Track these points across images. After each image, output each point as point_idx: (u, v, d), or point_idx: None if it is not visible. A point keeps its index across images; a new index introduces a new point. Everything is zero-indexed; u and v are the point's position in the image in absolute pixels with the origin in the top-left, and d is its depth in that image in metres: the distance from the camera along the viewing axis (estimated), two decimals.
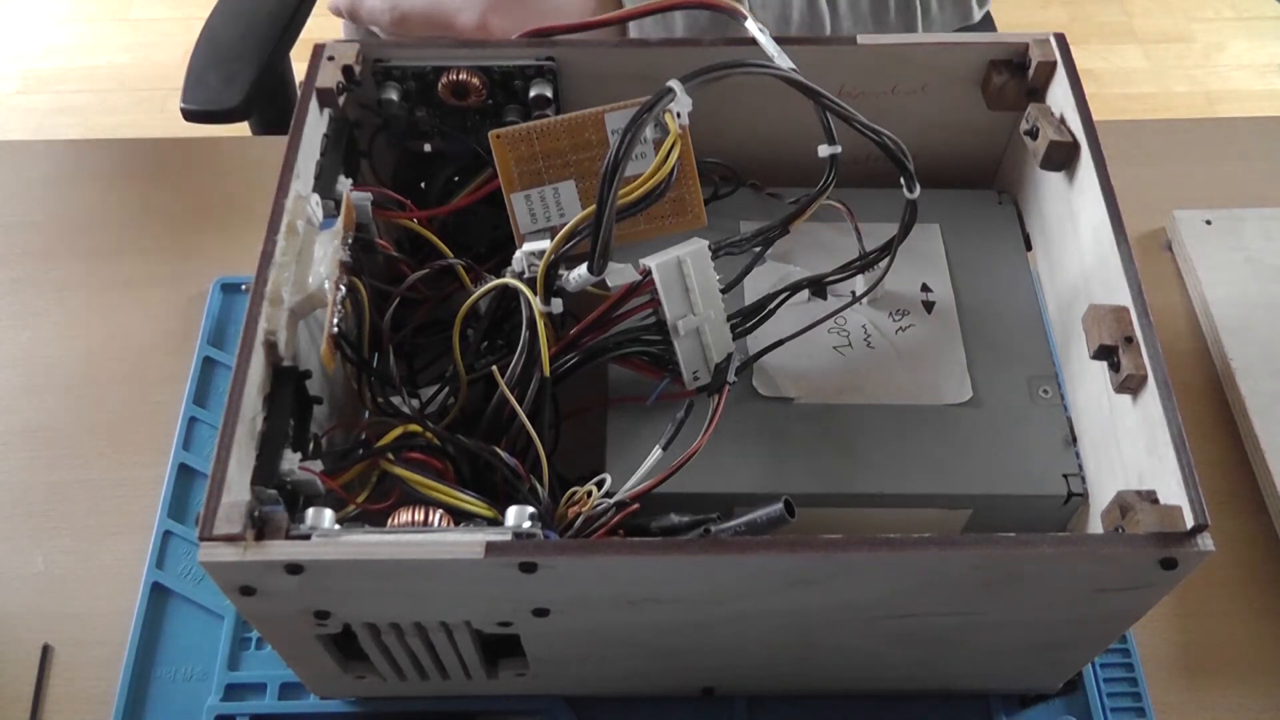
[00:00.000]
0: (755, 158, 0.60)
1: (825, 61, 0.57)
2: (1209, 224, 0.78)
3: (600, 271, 0.49)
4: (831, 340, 0.56)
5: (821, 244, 0.59)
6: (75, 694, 0.60)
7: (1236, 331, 0.72)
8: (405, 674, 0.53)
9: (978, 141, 0.62)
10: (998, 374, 0.55)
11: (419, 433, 0.50)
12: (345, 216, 0.52)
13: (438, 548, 0.42)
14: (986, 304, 0.58)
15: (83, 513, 0.65)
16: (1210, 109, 1.97)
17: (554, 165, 0.54)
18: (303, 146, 0.52)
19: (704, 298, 0.50)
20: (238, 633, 0.60)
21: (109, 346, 0.72)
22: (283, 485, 0.45)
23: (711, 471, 0.51)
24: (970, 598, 0.46)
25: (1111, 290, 0.50)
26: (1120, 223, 0.50)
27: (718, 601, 0.46)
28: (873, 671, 0.55)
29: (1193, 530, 0.42)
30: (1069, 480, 0.52)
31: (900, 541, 0.42)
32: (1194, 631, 0.62)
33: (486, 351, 0.55)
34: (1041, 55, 0.56)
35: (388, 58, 0.56)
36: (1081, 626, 0.49)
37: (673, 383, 0.53)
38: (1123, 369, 0.47)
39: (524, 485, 0.49)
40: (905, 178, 0.52)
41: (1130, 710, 0.59)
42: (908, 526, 0.52)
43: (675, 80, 0.49)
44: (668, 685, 0.57)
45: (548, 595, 0.45)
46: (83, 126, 1.77)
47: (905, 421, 0.53)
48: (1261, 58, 2.04)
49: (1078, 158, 0.54)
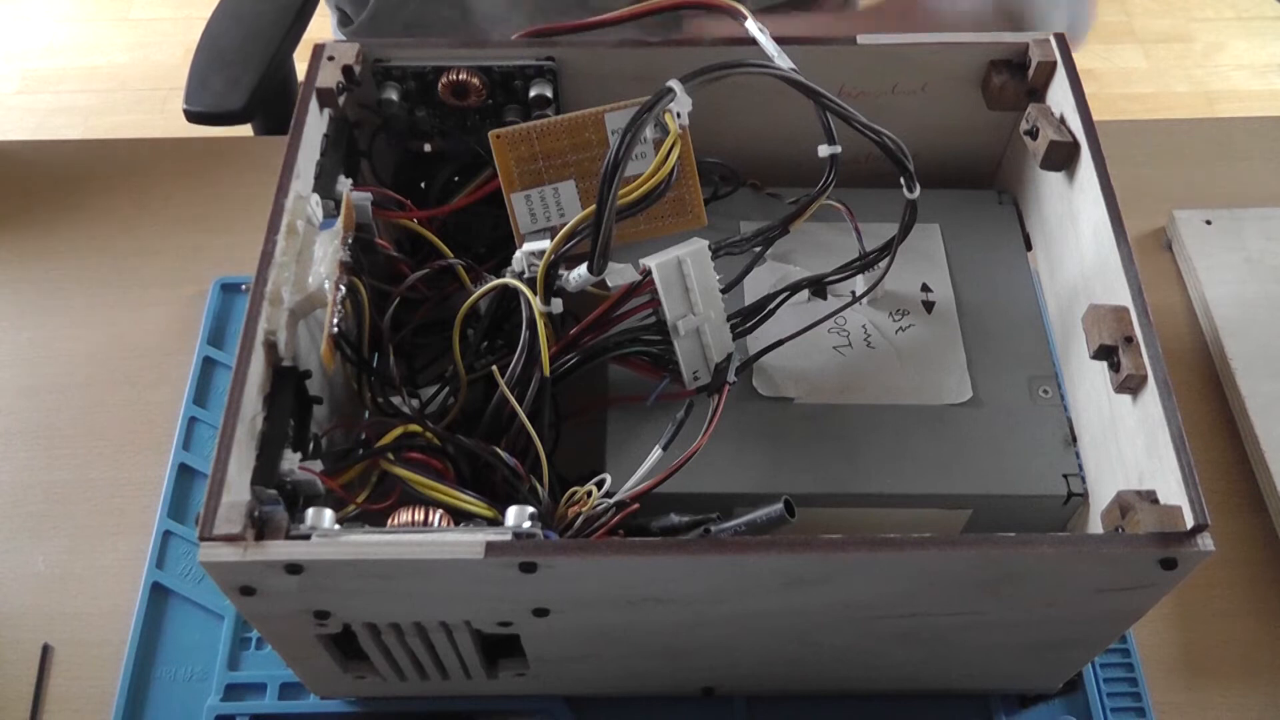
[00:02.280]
0: (755, 158, 0.60)
1: (825, 61, 0.57)
2: (1209, 224, 0.78)
3: (600, 271, 0.49)
4: (831, 340, 0.56)
5: (821, 244, 0.59)
6: (75, 694, 0.60)
7: (1236, 331, 0.72)
8: (405, 674, 0.53)
9: (978, 141, 0.62)
10: (998, 374, 0.55)
11: (419, 433, 0.50)
12: (345, 216, 0.52)
13: (438, 548, 0.42)
14: (986, 304, 0.58)
15: (83, 513, 0.65)
16: (1210, 109, 1.97)
17: (554, 165, 0.54)
18: (303, 146, 0.52)
19: (704, 298, 0.50)
20: (238, 633, 0.60)
21: (109, 346, 0.72)
22: (283, 485, 0.45)
23: (711, 471, 0.51)
24: (970, 598, 0.46)
25: (1111, 290, 0.50)
26: (1120, 223, 0.50)
27: (718, 601, 0.46)
28: (873, 671, 0.55)
29: (1193, 530, 0.42)
30: (1069, 480, 0.52)
31: (900, 541, 0.42)
32: (1194, 631, 0.62)
33: (486, 351, 0.55)
34: (1041, 55, 0.56)
35: (388, 58, 0.56)
36: (1081, 626, 0.49)
37: (673, 383, 0.53)
38: (1123, 369, 0.47)
39: (524, 485, 0.49)
40: (905, 178, 0.52)
41: (1130, 710, 0.59)
42: (908, 526, 0.52)
43: (675, 80, 0.49)
44: (668, 685, 0.57)
45: (548, 595, 0.45)
46: (83, 126, 1.77)
47: (905, 421, 0.53)
48: (1261, 58, 2.04)
49: (1078, 158, 0.54)
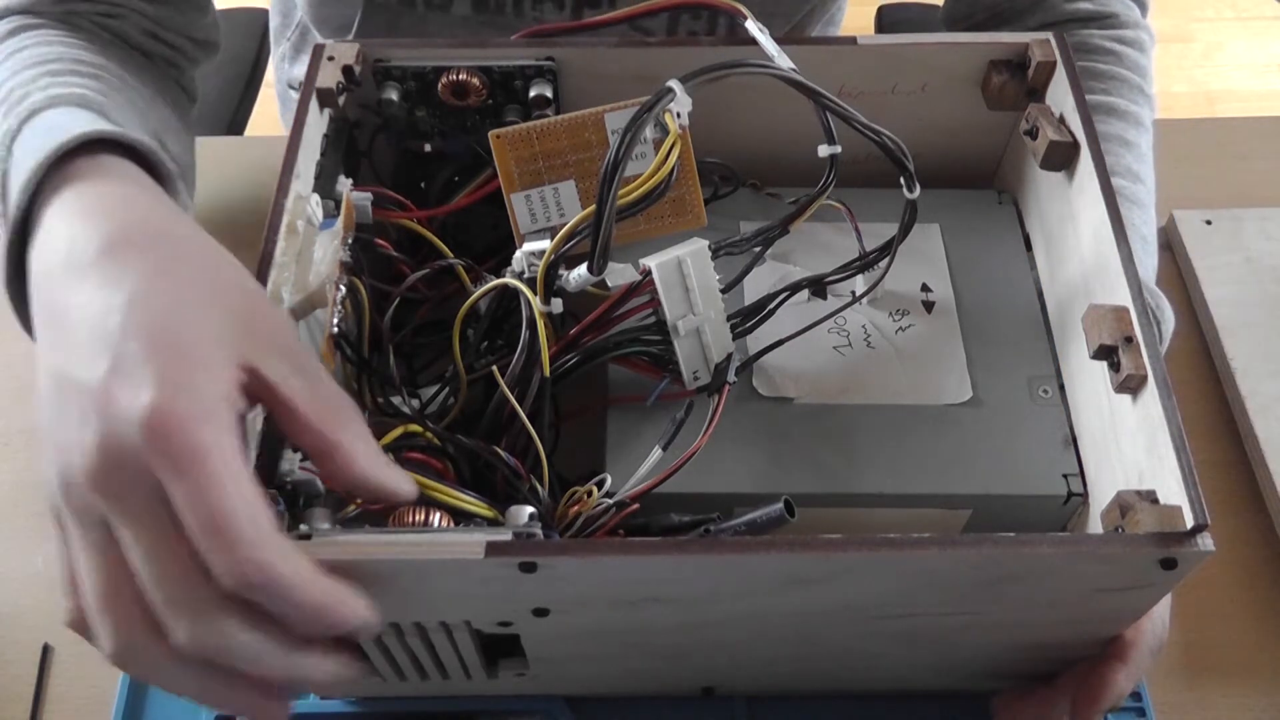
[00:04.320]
0: (755, 158, 0.60)
1: (825, 61, 0.57)
2: (1209, 224, 0.78)
3: (600, 271, 0.49)
4: (831, 340, 0.56)
5: (821, 244, 0.59)
6: (75, 694, 0.60)
7: (1236, 331, 0.72)
8: (405, 674, 0.53)
9: (978, 141, 0.62)
10: (998, 374, 0.55)
11: (419, 433, 0.50)
12: (345, 216, 0.52)
13: (438, 548, 0.42)
14: (986, 304, 0.58)
15: None
16: (1210, 109, 1.97)
17: (554, 165, 0.54)
18: (303, 146, 0.52)
19: (704, 298, 0.50)
20: None
21: None
22: (283, 485, 0.45)
23: (711, 471, 0.51)
24: (970, 598, 0.46)
25: (1111, 290, 0.50)
26: (1120, 223, 0.50)
27: (718, 601, 0.46)
28: (873, 671, 0.55)
29: (1193, 530, 0.42)
30: (1069, 480, 0.52)
31: (900, 541, 0.42)
32: (1194, 631, 0.62)
33: (486, 351, 0.55)
34: (1041, 55, 0.56)
35: (388, 58, 0.56)
36: (1081, 626, 0.49)
37: (673, 383, 0.53)
38: (1123, 369, 0.47)
39: (524, 485, 0.49)
40: (905, 178, 0.52)
41: (1130, 710, 0.58)
42: (908, 526, 0.52)
43: (675, 80, 0.49)
44: (668, 685, 0.57)
45: (548, 595, 0.45)
46: None
47: (905, 421, 0.53)
48: (1261, 58, 2.04)
49: (1077, 158, 0.54)
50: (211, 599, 0.37)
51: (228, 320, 0.40)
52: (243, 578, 0.37)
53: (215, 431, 0.37)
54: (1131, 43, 0.71)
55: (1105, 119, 0.66)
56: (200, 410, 0.37)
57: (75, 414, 0.38)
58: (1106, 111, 0.67)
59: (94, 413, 0.37)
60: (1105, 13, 0.73)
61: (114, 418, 0.37)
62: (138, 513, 0.37)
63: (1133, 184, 0.65)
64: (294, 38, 0.94)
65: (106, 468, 0.37)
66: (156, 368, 0.37)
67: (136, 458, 0.37)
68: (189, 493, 0.36)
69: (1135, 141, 0.67)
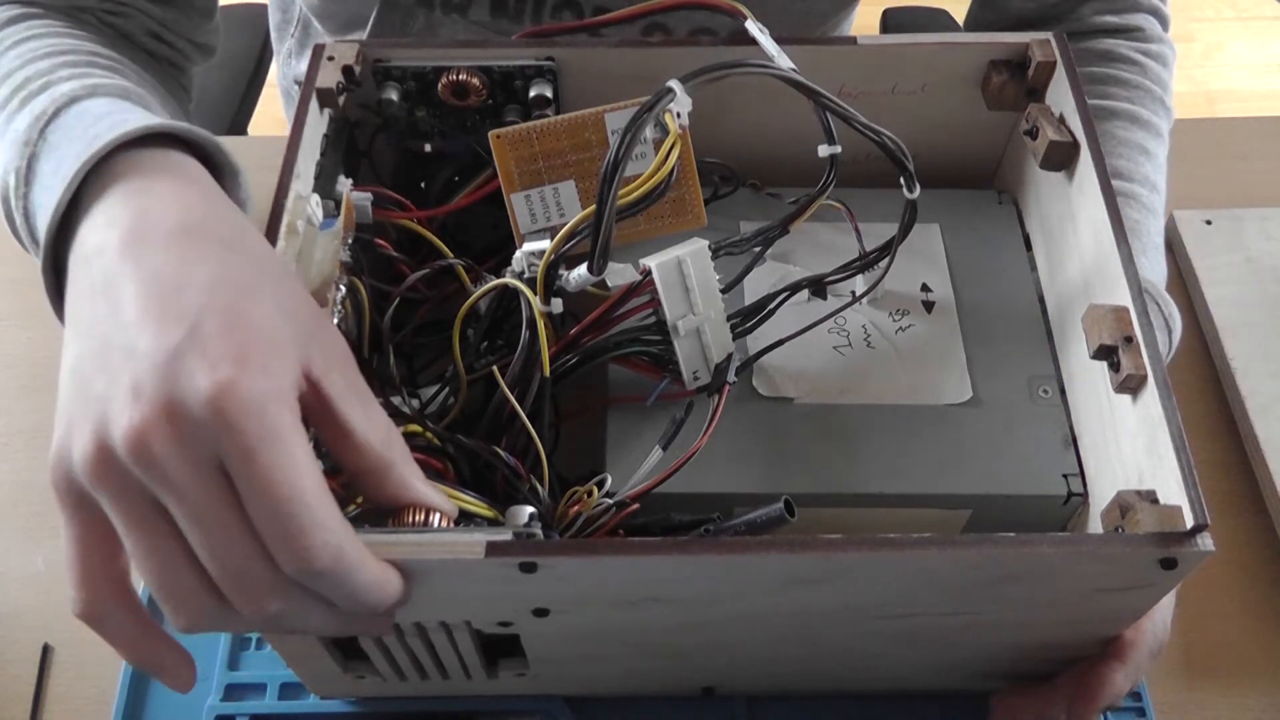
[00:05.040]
0: (755, 158, 0.60)
1: (825, 61, 0.57)
2: (1209, 224, 0.78)
3: (600, 271, 0.49)
4: (831, 340, 0.56)
5: (821, 244, 0.59)
6: (75, 694, 0.60)
7: (1236, 331, 0.72)
8: (405, 674, 0.53)
9: (978, 141, 0.62)
10: (998, 374, 0.55)
11: (419, 433, 0.50)
12: (345, 216, 0.52)
13: (438, 548, 0.42)
14: (986, 304, 0.58)
15: None
16: (1210, 109, 1.97)
17: (554, 165, 0.54)
18: (303, 146, 0.52)
19: (704, 298, 0.50)
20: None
21: None
22: None
23: (711, 471, 0.51)
24: (970, 598, 0.46)
25: (1111, 290, 0.50)
26: (1120, 223, 0.50)
27: (718, 601, 0.46)
28: (873, 671, 0.55)
29: (1193, 530, 0.42)
30: (1069, 480, 0.52)
31: (900, 541, 0.42)
32: (1194, 631, 0.62)
33: (486, 351, 0.55)
34: (1041, 55, 0.56)
35: (388, 58, 0.56)
36: (1081, 626, 0.49)
37: (673, 383, 0.53)
38: (1123, 369, 0.47)
39: (524, 485, 0.49)
40: (905, 178, 0.52)
41: (1130, 710, 0.59)
42: (908, 526, 0.52)
43: (675, 80, 0.49)
44: (668, 685, 0.57)
45: (548, 595, 0.45)
46: None
47: (905, 421, 0.53)
48: (1261, 58, 2.04)
49: (1078, 158, 0.54)
50: (273, 577, 0.37)
51: (297, 327, 0.40)
52: (310, 562, 0.37)
53: (291, 415, 0.37)
54: (1156, 56, 0.73)
55: (1128, 126, 0.68)
56: (277, 391, 0.37)
57: (126, 382, 0.37)
58: (1130, 119, 0.68)
59: (152, 382, 0.36)
60: (1131, 26, 0.74)
61: (181, 388, 0.36)
62: (193, 486, 0.36)
63: (1150, 193, 0.66)
64: (297, 34, 0.94)
65: (164, 437, 0.36)
66: (235, 345, 0.37)
67: (197, 430, 0.36)
68: (260, 473, 0.36)
69: (1154, 152, 0.68)
